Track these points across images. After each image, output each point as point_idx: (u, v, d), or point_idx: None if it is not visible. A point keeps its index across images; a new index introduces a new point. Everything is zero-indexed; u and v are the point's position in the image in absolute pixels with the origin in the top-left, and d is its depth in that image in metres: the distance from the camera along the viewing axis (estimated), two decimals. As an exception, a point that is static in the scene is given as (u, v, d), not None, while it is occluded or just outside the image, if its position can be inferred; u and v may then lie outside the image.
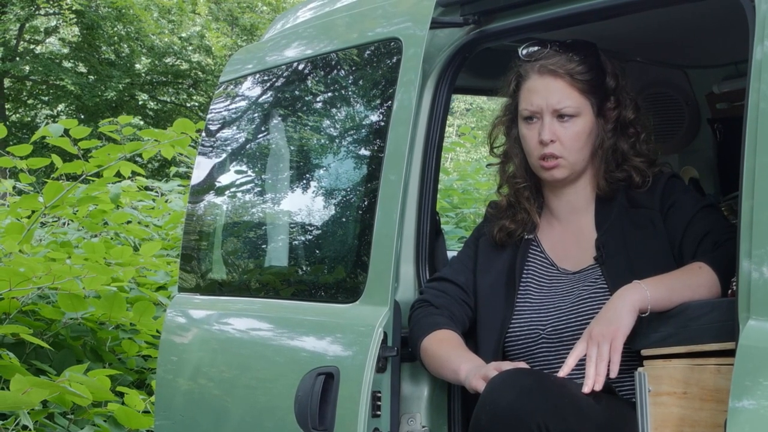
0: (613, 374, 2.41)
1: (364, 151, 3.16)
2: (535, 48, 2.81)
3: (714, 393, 2.25)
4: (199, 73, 23.53)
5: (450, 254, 3.17)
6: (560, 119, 2.76)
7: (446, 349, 2.73)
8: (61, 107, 23.53)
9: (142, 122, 22.04)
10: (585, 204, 2.85)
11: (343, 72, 3.33)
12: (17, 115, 24.12)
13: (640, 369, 2.35)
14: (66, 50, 23.31)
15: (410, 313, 2.88)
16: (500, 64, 2.94)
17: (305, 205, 3.36)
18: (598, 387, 2.41)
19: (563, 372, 2.47)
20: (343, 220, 3.21)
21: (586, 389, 2.40)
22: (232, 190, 3.74)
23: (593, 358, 2.42)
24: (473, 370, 2.60)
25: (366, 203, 3.01)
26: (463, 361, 2.67)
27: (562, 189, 2.86)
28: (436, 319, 2.81)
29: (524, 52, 2.82)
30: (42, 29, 23.26)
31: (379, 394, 2.72)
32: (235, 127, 3.79)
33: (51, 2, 21.52)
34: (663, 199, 2.75)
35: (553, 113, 2.75)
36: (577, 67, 2.78)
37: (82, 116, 22.11)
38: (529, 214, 2.88)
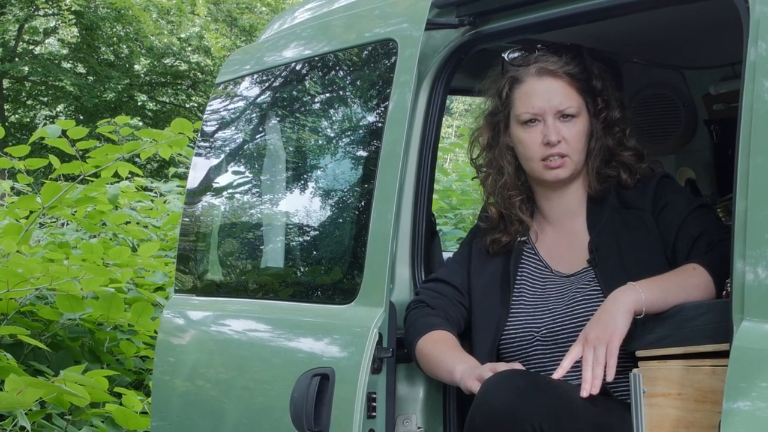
0: (610, 378, 2.41)
1: (359, 152, 3.16)
2: (526, 51, 2.80)
3: (709, 394, 2.25)
4: (198, 73, 23.55)
5: (446, 255, 3.17)
6: (562, 120, 2.75)
7: (441, 350, 2.73)
8: (60, 108, 23.54)
9: (141, 123, 22.04)
10: (577, 206, 2.85)
11: (339, 73, 3.33)
12: (16, 116, 24.14)
13: (635, 370, 2.35)
14: (65, 51, 23.32)
15: (406, 313, 2.88)
16: (496, 66, 2.94)
17: (301, 206, 3.36)
18: (596, 391, 2.40)
19: (558, 374, 2.46)
20: (339, 221, 3.21)
21: (584, 393, 2.40)
22: (229, 191, 3.74)
23: (590, 362, 2.42)
24: (468, 371, 2.60)
25: (361, 204, 3.01)
26: (458, 361, 2.66)
27: (556, 193, 2.85)
28: (431, 320, 2.81)
29: (514, 55, 2.81)
30: (41, 30, 23.27)
31: (374, 395, 2.72)
32: (231, 128, 3.79)
33: (50, 3, 21.53)
34: (655, 199, 2.74)
35: (556, 114, 2.75)
36: (575, 69, 2.78)
37: (81, 117, 22.13)
38: (523, 223, 2.87)
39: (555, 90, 2.75)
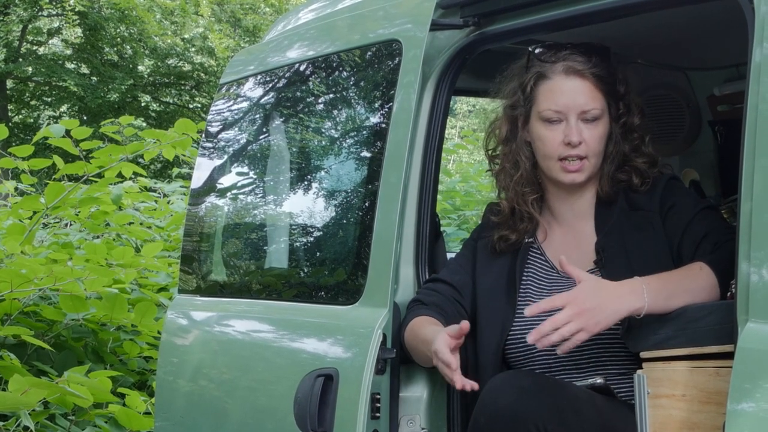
0: (560, 351, 2.41)
1: (363, 153, 3.16)
2: (554, 47, 2.77)
3: (713, 395, 2.24)
4: (202, 74, 23.56)
5: (450, 256, 3.17)
6: (585, 121, 2.72)
7: (421, 331, 2.69)
8: (63, 108, 23.56)
9: (144, 123, 22.05)
10: (587, 209, 2.82)
11: (343, 73, 3.33)
12: (20, 117, 24.16)
13: (639, 371, 2.35)
14: (69, 51, 23.34)
15: (404, 314, 2.87)
16: (500, 66, 2.93)
17: (305, 207, 3.36)
18: (540, 346, 2.40)
19: (530, 312, 2.45)
20: (343, 221, 3.21)
21: (530, 339, 2.39)
22: (233, 191, 3.74)
23: (560, 323, 2.38)
24: (439, 340, 2.51)
25: (366, 205, 3.01)
26: (435, 335, 2.57)
27: (569, 195, 2.82)
28: (419, 311, 2.79)
29: (542, 50, 2.78)
30: (45, 30, 23.28)
31: (378, 396, 2.72)
32: (235, 129, 3.79)
33: (54, 3, 21.54)
34: (663, 201, 2.73)
35: (580, 115, 2.72)
36: (602, 71, 2.74)
37: (85, 117, 22.14)
38: (533, 220, 2.85)
39: (581, 90, 2.72)
